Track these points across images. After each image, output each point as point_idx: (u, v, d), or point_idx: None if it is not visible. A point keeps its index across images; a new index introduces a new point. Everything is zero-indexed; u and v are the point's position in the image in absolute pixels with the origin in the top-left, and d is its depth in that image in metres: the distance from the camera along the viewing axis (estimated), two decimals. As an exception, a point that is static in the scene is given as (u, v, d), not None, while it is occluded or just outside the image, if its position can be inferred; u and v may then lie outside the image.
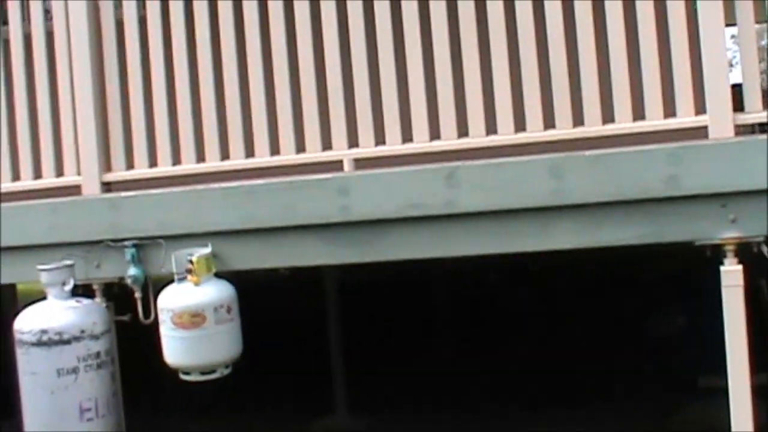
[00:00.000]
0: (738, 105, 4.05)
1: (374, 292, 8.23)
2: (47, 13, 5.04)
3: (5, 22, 5.05)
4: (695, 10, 4.01)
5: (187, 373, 4.40)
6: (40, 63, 4.94)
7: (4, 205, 4.85)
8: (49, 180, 4.92)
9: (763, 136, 3.94)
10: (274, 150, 4.52)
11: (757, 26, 4.23)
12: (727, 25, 4.04)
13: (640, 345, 7.37)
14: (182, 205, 4.53)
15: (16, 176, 4.98)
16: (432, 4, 4.28)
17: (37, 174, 4.95)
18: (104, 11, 4.83)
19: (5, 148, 4.99)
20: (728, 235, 3.92)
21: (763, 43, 12.16)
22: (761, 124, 4.19)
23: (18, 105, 4.97)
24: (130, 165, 4.78)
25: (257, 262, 4.45)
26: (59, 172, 4.90)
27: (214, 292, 4.33)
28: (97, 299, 4.70)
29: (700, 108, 4.04)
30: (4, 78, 5.01)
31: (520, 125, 4.21)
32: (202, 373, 4.36)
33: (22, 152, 4.97)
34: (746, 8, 4.01)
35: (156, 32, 4.71)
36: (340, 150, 4.43)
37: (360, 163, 4.46)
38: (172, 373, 4.49)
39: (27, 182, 4.95)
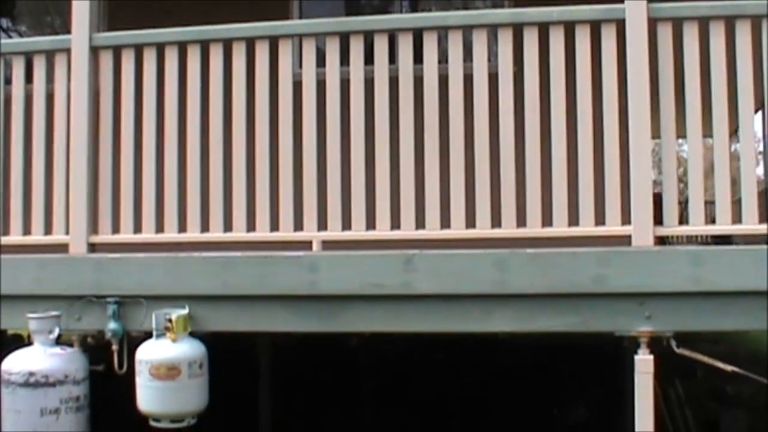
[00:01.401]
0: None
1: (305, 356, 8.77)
2: (49, 76, 5.42)
3: (8, 81, 5.49)
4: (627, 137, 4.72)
5: (157, 420, 4.85)
6: (39, 124, 5.38)
7: (-7, 256, 5.26)
8: (37, 237, 5.35)
9: (678, 247, 4.64)
10: (251, 227, 5.07)
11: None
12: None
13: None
14: (164, 269, 5.01)
15: (6, 231, 5.40)
16: (402, 114, 4.91)
17: (27, 230, 5.38)
18: (104, 80, 5.32)
19: (-3, 204, 5.41)
20: (643, 329, 4.60)
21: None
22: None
23: (13, 164, 5.40)
24: (116, 229, 5.26)
25: (230, 326, 4.97)
26: (48, 231, 5.34)
27: (189, 349, 4.83)
28: (76, 348, 5.14)
29: (626, 219, 4.74)
30: (3, 136, 5.44)
31: (470, 222, 4.86)
32: (172, 421, 4.83)
33: (14, 209, 5.39)
34: (669, 129, 4.74)
35: (150, 105, 5.23)
36: (311, 232, 5.01)
37: (327, 244, 5.04)
38: (139, 420, 4.94)
39: (16, 237, 5.38)
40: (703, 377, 10.63)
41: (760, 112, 11.61)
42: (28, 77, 5.44)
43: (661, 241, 5.03)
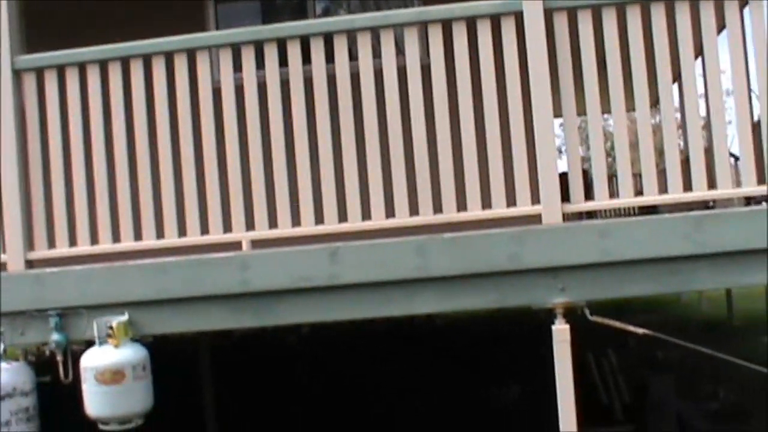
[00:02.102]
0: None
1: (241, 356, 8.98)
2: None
3: None
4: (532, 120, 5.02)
5: (106, 424, 5.06)
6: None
7: (-68, 279, 5.40)
8: (-25, 257, 5.52)
9: (585, 222, 4.96)
10: (182, 232, 5.30)
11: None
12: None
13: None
14: (101, 280, 5.21)
15: (-57, 253, 5.56)
16: (317, 108, 5.17)
17: (-36, 251, 5.54)
18: (28, 101, 5.49)
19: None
20: (558, 300, 4.91)
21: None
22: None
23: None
24: (52, 244, 5.45)
25: (168, 327, 5.18)
26: (-15, 251, 5.52)
27: (132, 353, 5.04)
28: (21, 362, 5.32)
29: (536, 199, 5.04)
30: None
31: (390, 212, 5.13)
32: (120, 423, 5.04)
33: (-50, 232, 5.55)
34: (570, 109, 5.06)
35: (76, 122, 5.42)
36: (240, 232, 5.25)
37: (256, 243, 5.28)
38: (88, 426, 5.15)
39: (-45, 260, 5.53)
40: (635, 346, 11.05)
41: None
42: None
43: (580, 216, 5.37)
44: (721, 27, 5.10)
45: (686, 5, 5.09)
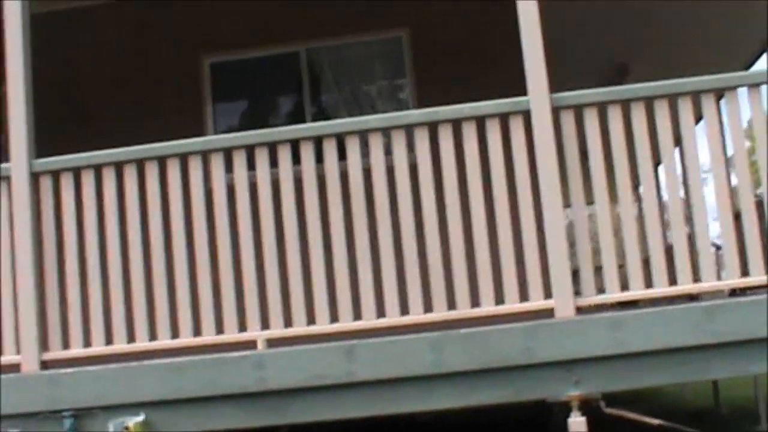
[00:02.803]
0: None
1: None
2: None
3: None
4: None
5: None
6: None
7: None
8: (-12, 359, 5.54)
9: (598, 315, 5.02)
10: (197, 331, 5.34)
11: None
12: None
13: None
14: (117, 380, 5.22)
15: (-44, 355, 5.57)
16: (331, 207, 5.26)
17: (-23, 353, 5.56)
18: (44, 203, 5.57)
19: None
20: (573, 393, 4.94)
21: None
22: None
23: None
24: (66, 345, 5.47)
25: (184, 427, 5.17)
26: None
27: (148, 454, 5.05)
28: (34, 465, 5.30)
29: (548, 293, 5.11)
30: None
31: (404, 310, 5.19)
32: None
33: (-36, 333, 5.57)
34: (579, 206, 5.16)
35: (91, 224, 5.50)
36: (255, 331, 5.29)
37: (271, 342, 5.32)
38: None
39: (-33, 361, 5.55)
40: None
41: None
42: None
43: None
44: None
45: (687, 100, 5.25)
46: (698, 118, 5.33)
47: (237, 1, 8.78)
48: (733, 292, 7.20)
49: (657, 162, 6.12)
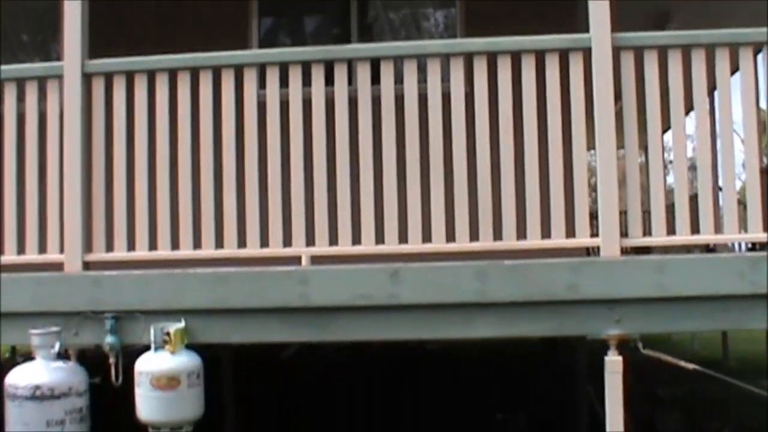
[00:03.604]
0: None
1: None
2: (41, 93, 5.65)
3: (1, 99, 5.68)
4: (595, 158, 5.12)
5: (157, 429, 5.10)
6: (32, 147, 5.60)
7: (-11, 275, 5.45)
8: (32, 256, 5.57)
9: (643, 257, 5.04)
10: (242, 243, 5.36)
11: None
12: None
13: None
14: (159, 285, 5.26)
15: (0, 251, 5.61)
16: (384, 134, 5.25)
17: (21, 250, 5.59)
18: (95, 105, 5.56)
19: (-9, 224, 5.61)
20: (613, 332, 4.98)
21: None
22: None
23: (7, 185, 5.61)
24: (110, 247, 5.50)
25: (225, 337, 5.23)
26: (42, 250, 5.56)
27: (188, 360, 5.09)
28: (73, 362, 5.36)
29: (595, 232, 5.12)
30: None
31: (451, 236, 5.20)
32: (172, 429, 5.08)
33: (8, 229, 5.60)
34: (632, 147, 5.14)
35: (142, 128, 5.50)
36: (300, 247, 5.31)
37: (315, 259, 5.35)
38: (137, 429, 5.19)
39: (11, 257, 5.59)
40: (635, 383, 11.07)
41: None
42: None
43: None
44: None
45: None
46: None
47: None
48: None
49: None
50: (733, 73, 5.32)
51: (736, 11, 11.50)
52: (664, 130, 5.68)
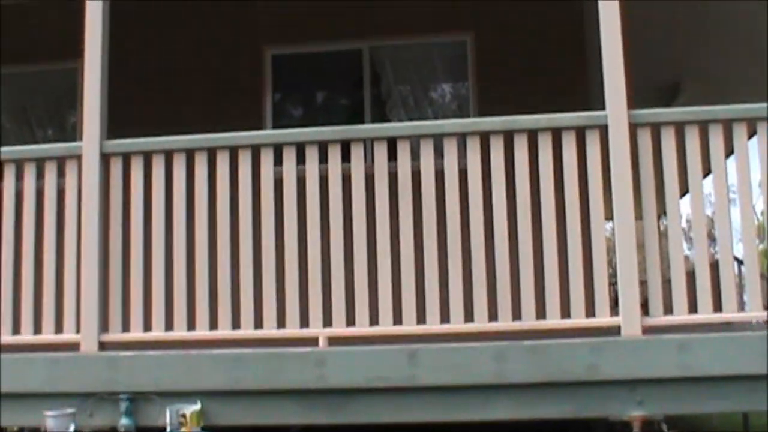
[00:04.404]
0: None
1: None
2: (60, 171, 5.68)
3: (20, 177, 5.72)
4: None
5: None
6: (50, 226, 5.61)
7: (3, 356, 5.41)
8: (48, 336, 5.54)
9: (665, 336, 4.98)
10: (258, 324, 5.32)
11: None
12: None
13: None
14: (175, 367, 5.22)
15: (16, 330, 5.59)
16: (401, 213, 5.23)
17: (37, 329, 5.57)
18: (113, 184, 5.58)
19: (8, 303, 5.59)
20: (635, 413, 4.90)
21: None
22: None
23: (24, 261, 5.61)
24: (126, 328, 5.47)
25: (241, 419, 5.17)
26: (59, 329, 5.54)
27: (204, 443, 5.04)
28: (88, 445, 5.31)
29: (614, 311, 5.07)
30: (13, 232, 5.65)
31: (469, 316, 5.16)
32: None
33: (25, 308, 5.58)
34: (651, 223, 5.11)
35: (159, 208, 5.49)
36: (317, 328, 5.27)
37: (332, 340, 5.30)
38: None
39: (27, 336, 5.57)
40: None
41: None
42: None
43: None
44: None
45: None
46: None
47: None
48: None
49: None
50: (750, 137, 5.31)
51: (745, 81, 11.59)
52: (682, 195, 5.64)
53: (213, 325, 5.39)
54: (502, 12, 8.69)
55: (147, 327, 5.47)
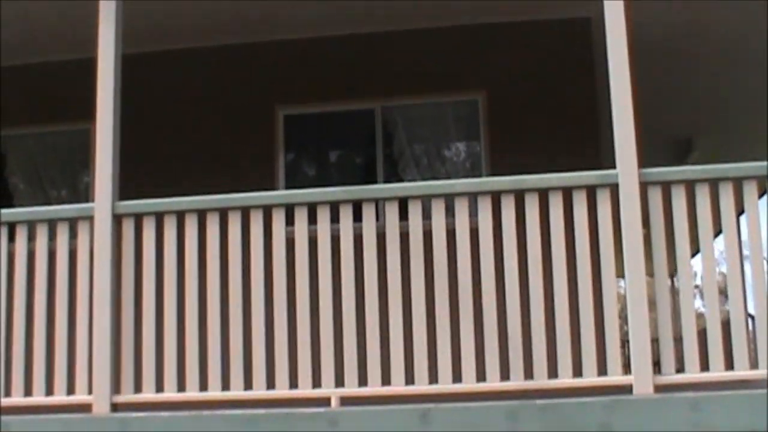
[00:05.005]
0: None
1: None
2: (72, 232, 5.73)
3: (32, 238, 5.76)
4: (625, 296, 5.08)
5: None
6: (62, 288, 5.64)
7: (15, 418, 5.41)
8: (60, 397, 5.55)
9: (678, 394, 4.95)
10: (271, 384, 5.32)
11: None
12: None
13: None
14: (188, 427, 5.18)
15: (28, 391, 5.59)
16: (413, 272, 5.25)
17: (49, 391, 5.58)
18: (125, 244, 5.61)
19: (20, 364, 5.60)
20: (649, 473, 4.86)
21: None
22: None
23: (36, 322, 5.63)
24: (138, 388, 5.48)
25: (253, 481, 5.15)
26: (71, 391, 5.54)
27: (215, 505, 5.01)
28: (100, 507, 5.28)
29: (627, 369, 5.06)
30: (25, 293, 5.68)
31: (481, 376, 5.15)
32: None
33: (36, 369, 5.59)
34: (662, 283, 5.11)
35: (171, 268, 5.53)
36: (329, 388, 5.27)
37: (345, 400, 5.30)
38: None
39: (39, 398, 5.57)
40: None
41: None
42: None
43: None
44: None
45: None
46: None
47: (314, 56, 8.89)
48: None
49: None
50: (760, 195, 5.32)
51: (757, 134, 11.65)
52: (693, 254, 5.66)
53: (225, 385, 5.40)
54: (513, 71, 8.81)
55: (159, 388, 5.48)
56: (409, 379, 5.21)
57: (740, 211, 5.28)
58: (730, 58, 9.79)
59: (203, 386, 5.42)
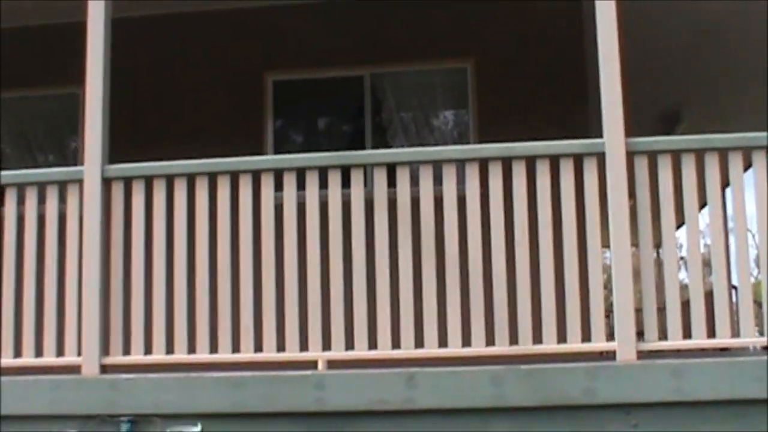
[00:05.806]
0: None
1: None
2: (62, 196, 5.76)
3: (21, 201, 5.79)
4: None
5: None
6: (51, 250, 5.66)
7: (5, 378, 5.45)
8: (50, 358, 5.59)
9: (660, 361, 5.03)
10: (258, 347, 5.38)
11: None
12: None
13: None
14: (176, 389, 5.25)
15: (18, 353, 5.64)
16: (400, 238, 5.30)
17: (39, 352, 5.62)
18: (115, 208, 5.64)
19: (9, 326, 5.64)
20: (630, 437, 4.94)
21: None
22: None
23: (26, 286, 5.66)
24: (127, 351, 5.52)
25: (240, 441, 5.22)
26: (60, 352, 5.59)
27: (203, 464, 5.08)
28: (88, 466, 5.34)
29: (610, 335, 5.13)
30: (15, 256, 5.70)
31: (466, 341, 5.21)
32: None
33: (26, 330, 5.63)
34: (647, 250, 5.17)
35: (160, 231, 5.56)
36: (316, 352, 5.33)
37: (332, 363, 5.35)
38: None
39: (29, 359, 5.62)
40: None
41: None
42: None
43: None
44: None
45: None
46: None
47: (304, 22, 8.88)
48: None
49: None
50: (746, 168, 5.36)
51: (745, 106, 11.69)
52: (678, 226, 5.71)
53: (213, 348, 5.44)
54: (502, 40, 8.82)
55: (148, 350, 5.52)
56: (396, 344, 5.27)
57: (726, 184, 5.34)
58: (721, 32, 9.81)
59: (191, 349, 5.47)
